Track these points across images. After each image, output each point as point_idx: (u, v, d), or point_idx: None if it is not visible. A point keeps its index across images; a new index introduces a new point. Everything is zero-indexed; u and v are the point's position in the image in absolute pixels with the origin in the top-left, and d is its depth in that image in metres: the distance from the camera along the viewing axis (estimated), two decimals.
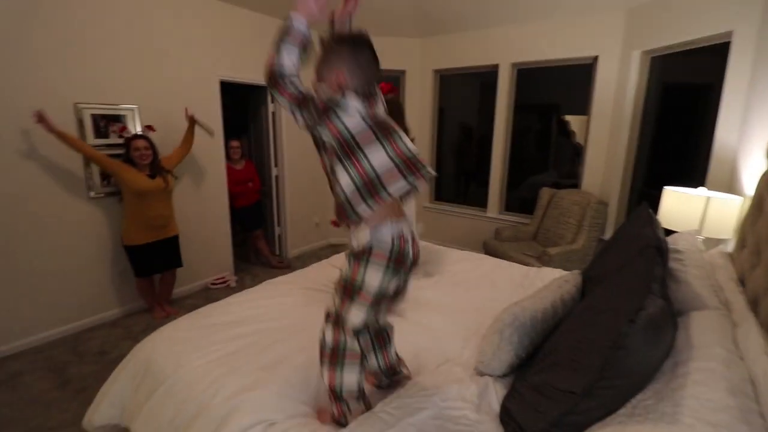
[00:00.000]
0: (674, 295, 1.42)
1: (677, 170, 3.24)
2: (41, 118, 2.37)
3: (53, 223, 2.66)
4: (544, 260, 3.09)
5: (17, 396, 2.16)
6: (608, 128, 3.50)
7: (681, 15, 2.76)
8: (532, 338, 1.35)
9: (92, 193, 2.81)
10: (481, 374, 1.38)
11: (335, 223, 1.92)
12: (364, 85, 1.12)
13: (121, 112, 2.90)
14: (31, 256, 2.58)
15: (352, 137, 1.05)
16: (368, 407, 1.23)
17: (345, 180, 1.06)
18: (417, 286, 2.16)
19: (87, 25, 2.67)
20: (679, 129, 3.22)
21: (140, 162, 2.71)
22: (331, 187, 1.14)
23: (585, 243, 3.24)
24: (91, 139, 2.75)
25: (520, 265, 2.62)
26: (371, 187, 1.05)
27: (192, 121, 3.05)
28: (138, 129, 2.96)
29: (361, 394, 1.22)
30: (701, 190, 2.21)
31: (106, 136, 2.83)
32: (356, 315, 1.11)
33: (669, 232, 1.91)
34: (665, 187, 2.36)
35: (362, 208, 1.06)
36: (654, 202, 2.27)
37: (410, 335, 1.65)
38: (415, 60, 4.56)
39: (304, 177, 4.54)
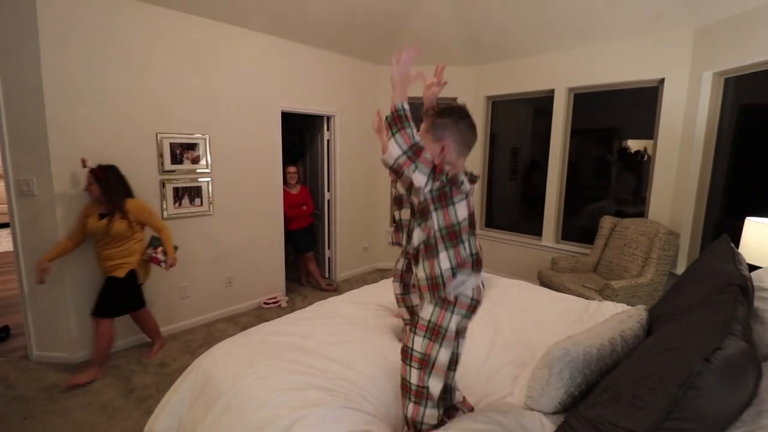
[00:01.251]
0: (760, 338, 1.26)
1: (761, 198, 2.91)
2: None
3: None
4: (606, 294, 2.88)
5: (87, 401, 2.34)
6: (677, 153, 3.26)
7: (757, 33, 2.56)
8: (586, 375, 1.24)
9: (165, 214, 3.08)
10: (530, 410, 1.30)
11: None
12: (464, 150, 1.28)
13: (195, 141, 3.19)
14: None
15: (459, 226, 1.20)
16: None
17: (445, 264, 1.21)
18: None
19: (166, 64, 3.00)
20: (762, 153, 2.91)
21: (90, 197, 2.59)
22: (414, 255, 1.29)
23: (654, 277, 2.98)
24: (168, 165, 3.04)
25: (579, 298, 2.46)
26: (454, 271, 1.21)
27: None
28: (208, 159, 3.23)
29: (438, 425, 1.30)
30: None
31: (180, 162, 3.12)
32: (445, 354, 1.24)
33: (752, 268, 1.72)
34: (747, 217, 2.14)
35: (443, 285, 1.22)
36: (735, 233, 2.06)
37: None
38: (468, 88, 4.60)
39: (356, 202, 4.66)
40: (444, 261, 1.21)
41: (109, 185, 2.55)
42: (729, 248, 1.59)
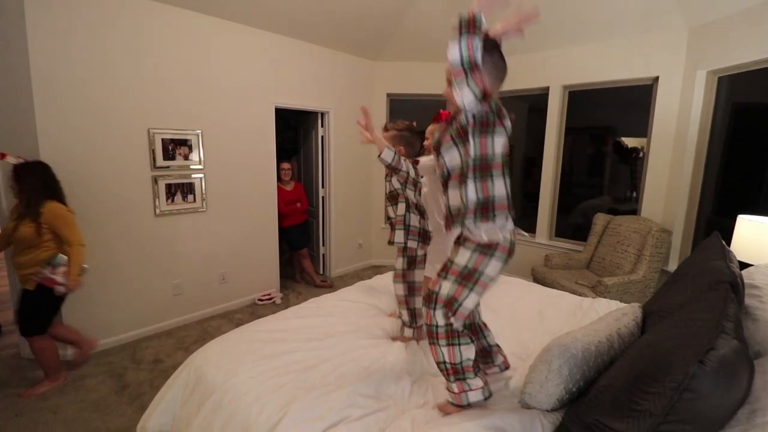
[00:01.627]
0: (751, 335, 1.27)
1: (753, 197, 2.94)
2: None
3: (124, 237, 2.90)
4: (599, 291, 2.90)
5: (80, 398, 2.32)
6: (670, 151, 3.29)
7: (751, 32, 2.57)
8: (584, 372, 1.24)
9: (158, 210, 3.05)
10: (527, 407, 1.30)
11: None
12: (498, 82, 1.23)
13: (188, 137, 3.15)
14: (104, 266, 2.82)
15: (492, 159, 1.16)
16: (485, 383, 1.32)
17: (471, 194, 1.17)
18: None
19: (158, 58, 2.96)
20: (754, 152, 2.94)
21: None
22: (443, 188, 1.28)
23: (646, 274, 3.00)
24: (160, 161, 3.01)
25: (572, 295, 2.48)
26: (485, 209, 1.18)
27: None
28: (201, 154, 3.20)
29: (477, 367, 1.31)
30: None
31: (172, 158, 3.09)
32: (472, 300, 1.23)
33: (744, 265, 1.74)
34: (739, 215, 2.16)
35: (468, 222, 1.18)
36: (726, 231, 2.08)
37: None
38: None
39: (350, 199, 4.65)
40: (471, 192, 1.17)
41: (23, 184, 2.21)
42: (720, 246, 1.61)
